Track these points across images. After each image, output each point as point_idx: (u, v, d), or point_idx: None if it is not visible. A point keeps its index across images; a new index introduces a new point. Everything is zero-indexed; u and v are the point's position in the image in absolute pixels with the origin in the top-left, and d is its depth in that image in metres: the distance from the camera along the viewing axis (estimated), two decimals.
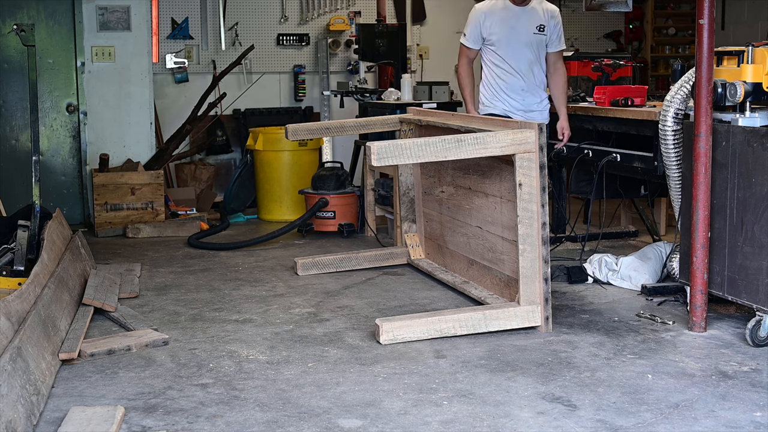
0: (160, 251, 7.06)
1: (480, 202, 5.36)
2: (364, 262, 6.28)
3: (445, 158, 4.54)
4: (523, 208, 4.67)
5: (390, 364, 4.29)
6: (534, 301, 4.72)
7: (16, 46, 7.86)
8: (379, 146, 4.42)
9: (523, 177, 4.64)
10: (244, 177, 8.62)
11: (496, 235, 5.19)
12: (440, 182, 5.92)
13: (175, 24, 9.32)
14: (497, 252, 5.21)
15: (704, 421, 3.59)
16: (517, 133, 4.60)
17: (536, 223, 4.68)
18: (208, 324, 5.02)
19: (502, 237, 5.13)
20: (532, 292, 4.72)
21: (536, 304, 4.72)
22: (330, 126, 6.51)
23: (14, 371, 3.54)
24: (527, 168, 4.64)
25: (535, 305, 4.72)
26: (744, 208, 4.54)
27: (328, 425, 3.59)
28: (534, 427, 3.56)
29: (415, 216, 6.36)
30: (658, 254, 5.66)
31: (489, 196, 5.24)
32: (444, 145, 4.49)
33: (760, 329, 4.45)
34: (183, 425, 3.60)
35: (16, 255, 5.42)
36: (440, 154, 4.50)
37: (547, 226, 4.72)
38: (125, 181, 7.83)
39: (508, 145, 4.58)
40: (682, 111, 4.91)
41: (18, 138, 8.10)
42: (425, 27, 10.24)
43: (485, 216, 5.31)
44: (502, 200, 5.08)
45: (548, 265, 4.71)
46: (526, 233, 4.68)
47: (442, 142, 4.49)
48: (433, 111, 6.34)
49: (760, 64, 4.57)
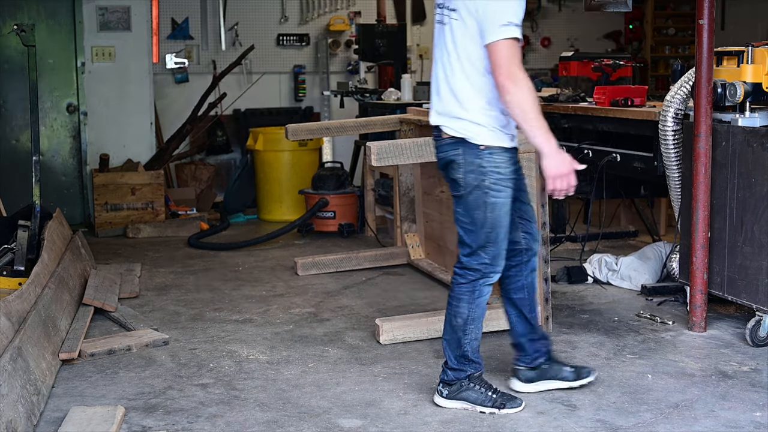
0: (160, 251, 7.06)
1: None
2: (364, 262, 6.29)
3: None
4: None
5: (390, 364, 4.29)
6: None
7: (16, 46, 7.86)
8: (379, 146, 4.42)
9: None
10: (244, 177, 8.61)
11: None
12: (440, 182, 5.91)
13: (175, 24, 9.32)
14: None
15: (704, 421, 3.60)
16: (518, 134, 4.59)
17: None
18: (208, 324, 5.02)
19: None
20: None
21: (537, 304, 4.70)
22: (330, 126, 6.51)
23: (14, 371, 3.54)
24: (527, 168, 4.62)
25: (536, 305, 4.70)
26: (744, 208, 4.55)
27: (328, 425, 3.59)
28: (534, 427, 3.56)
29: (415, 216, 6.36)
30: (658, 254, 5.66)
31: None
32: None
33: (760, 329, 4.45)
34: (183, 425, 3.60)
35: (17, 255, 5.42)
36: None
37: (547, 226, 4.72)
38: (125, 181, 7.83)
39: None
40: (682, 111, 4.91)
41: (18, 138, 8.10)
42: (425, 27, 10.24)
43: None
44: None
45: (548, 265, 4.71)
46: None
47: None
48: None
49: (760, 64, 4.57)
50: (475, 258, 3.68)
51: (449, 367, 3.74)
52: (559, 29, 10.68)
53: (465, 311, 3.69)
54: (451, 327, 3.72)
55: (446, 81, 3.64)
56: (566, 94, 6.15)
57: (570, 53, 6.90)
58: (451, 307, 3.73)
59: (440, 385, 3.77)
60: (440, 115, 3.69)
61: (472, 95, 3.57)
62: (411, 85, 7.77)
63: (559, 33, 10.68)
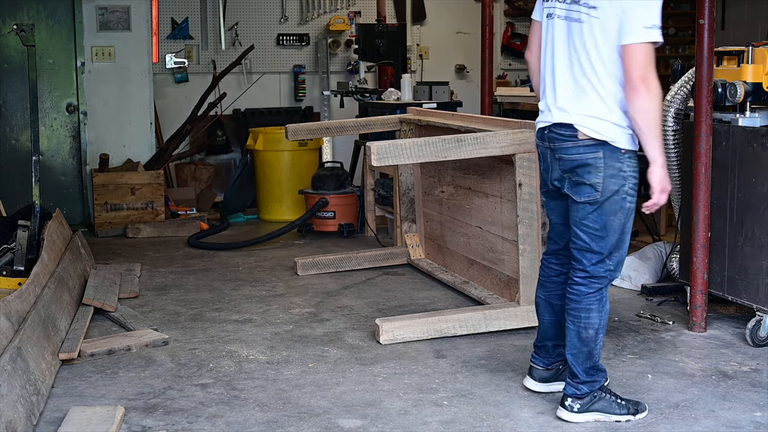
0: (160, 251, 7.06)
1: (480, 202, 5.36)
2: (364, 262, 6.29)
3: (445, 158, 4.54)
4: (523, 208, 4.67)
5: (390, 364, 4.29)
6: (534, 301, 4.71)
7: (16, 46, 7.86)
8: (379, 146, 4.42)
9: (523, 177, 4.64)
10: (244, 177, 8.61)
11: (496, 235, 5.19)
12: (440, 182, 5.92)
13: (175, 24, 9.32)
14: (497, 252, 5.21)
15: (704, 421, 3.59)
16: (517, 133, 4.59)
17: (536, 223, 4.68)
18: (208, 324, 5.02)
19: (502, 237, 5.13)
20: (532, 292, 4.70)
21: None
22: (330, 126, 6.50)
23: (14, 371, 3.54)
24: (527, 168, 4.64)
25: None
26: (744, 208, 4.54)
27: (328, 425, 3.59)
28: (534, 427, 3.56)
29: (415, 216, 6.36)
30: (658, 254, 5.66)
31: (489, 196, 5.24)
32: (444, 145, 4.48)
33: (760, 329, 4.45)
34: (183, 425, 3.60)
35: (16, 255, 5.42)
36: (440, 154, 4.50)
37: (547, 226, 4.71)
38: (125, 181, 7.82)
39: (508, 144, 4.58)
40: (682, 111, 4.91)
41: (18, 138, 8.10)
42: (425, 27, 10.24)
43: (485, 216, 5.31)
44: (502, 200, 5.08)
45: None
46: (526, 233, 4.68)
47: (442, 142, 4.48)
48: (433, 111, 6.33)
49: (760, 64, 4.57)
50: (601, 265, 3.53)
51: (580, 381, 3.58)
52: None
53: (596, 321, 3.55)
54: (580, 340, 3.56)
55: (582, 78, 3.46)
56: None
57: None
58: (578, 320, 3.56)
59: (569, 400, 3.58)
60: (573, 114, 3.49)
61: (614, 96, 3.43)
62: (411, 85, 7.77)
63: None
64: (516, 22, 10.45)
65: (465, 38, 10.15)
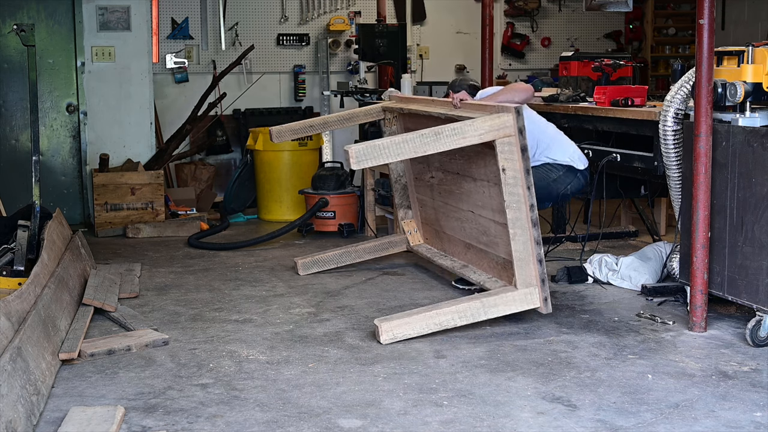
0: (160, 251, 7.06)
1: (469, 187, 5.32)
2: (364, 254, 6.26)
3: (425, 153, 4.51)
4: (510, 192, 4.64)
5: (390, 364, 4.29)
6: (531, 283, 4.70)
7: (16, 46, 7.86)
8: (357, 149, 4.39)
9: (505, 162, 4.60)
10: (244, 177, 8.61)
11: (488, 219, 5.15)
12: (429, 168, 5.87)
13: (175, 24, 9.32)
14: (491, 235, 5.17)
15: (704, 421, 3.59)
16: (494, 119, 4.56)
17: (524, 206, 4.64)
18: (208, 324, 5.02)
19: (493, 220, 5.09)
20: (528, 274, 4.70)
21: (533, 285, 4.70)
22: (314, 123, 6.38)
23: (14, 371, 3.54)
24: (509, 152, 4.60)
25: (533, 287, 4.69)
26: (744, 208, 4.54)
27: (328, 425, 3.59)
28: (534, 427, 3.56)
29: (409, 202, 6.33)
30: (658, 254, 5.66)
31: (477, 180, 5.19)
32: (422, 140, 4.46)
33: (760, 329, 4.45)
34: (183, 425, 3.60)
35: (16, 255, 5.42)
36: (419, 150, 4.48)
37: (536, 208, 4.66)
38: (125, 181, 7.83)
39: (486, 131, 4.56)
40: (682, 111, 4.91)
41: (18, 138, 8.10)
42: (425, 27, 10.24)
43: (476, 200, 5.27)
44: (489, 184, 5.03)
45: (541, 246, 4.67)
46: (515, 217, 4.65)
47: (420, 137, 4.46)
48: (415, 98, 6.23)
49: (760, 64, 4.57)
50: None
51: None
52: (560, 29, 10.67)
53: None
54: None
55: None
56: (566, 94, 6.16)
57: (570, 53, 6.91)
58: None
59: None
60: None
61: None
62: (411, 85, 7.78)
63: (559, 33, 10.67)
64: (516, 22, 10.44)
65: (465, 38, 10.15)
